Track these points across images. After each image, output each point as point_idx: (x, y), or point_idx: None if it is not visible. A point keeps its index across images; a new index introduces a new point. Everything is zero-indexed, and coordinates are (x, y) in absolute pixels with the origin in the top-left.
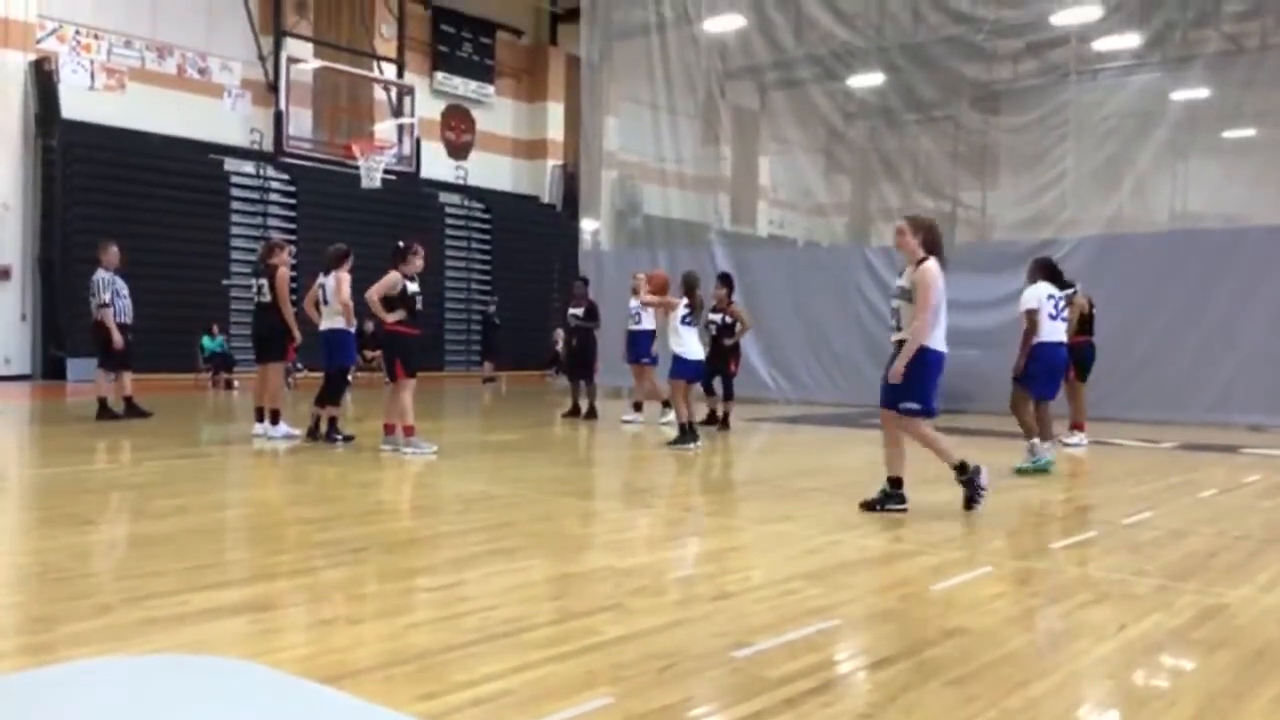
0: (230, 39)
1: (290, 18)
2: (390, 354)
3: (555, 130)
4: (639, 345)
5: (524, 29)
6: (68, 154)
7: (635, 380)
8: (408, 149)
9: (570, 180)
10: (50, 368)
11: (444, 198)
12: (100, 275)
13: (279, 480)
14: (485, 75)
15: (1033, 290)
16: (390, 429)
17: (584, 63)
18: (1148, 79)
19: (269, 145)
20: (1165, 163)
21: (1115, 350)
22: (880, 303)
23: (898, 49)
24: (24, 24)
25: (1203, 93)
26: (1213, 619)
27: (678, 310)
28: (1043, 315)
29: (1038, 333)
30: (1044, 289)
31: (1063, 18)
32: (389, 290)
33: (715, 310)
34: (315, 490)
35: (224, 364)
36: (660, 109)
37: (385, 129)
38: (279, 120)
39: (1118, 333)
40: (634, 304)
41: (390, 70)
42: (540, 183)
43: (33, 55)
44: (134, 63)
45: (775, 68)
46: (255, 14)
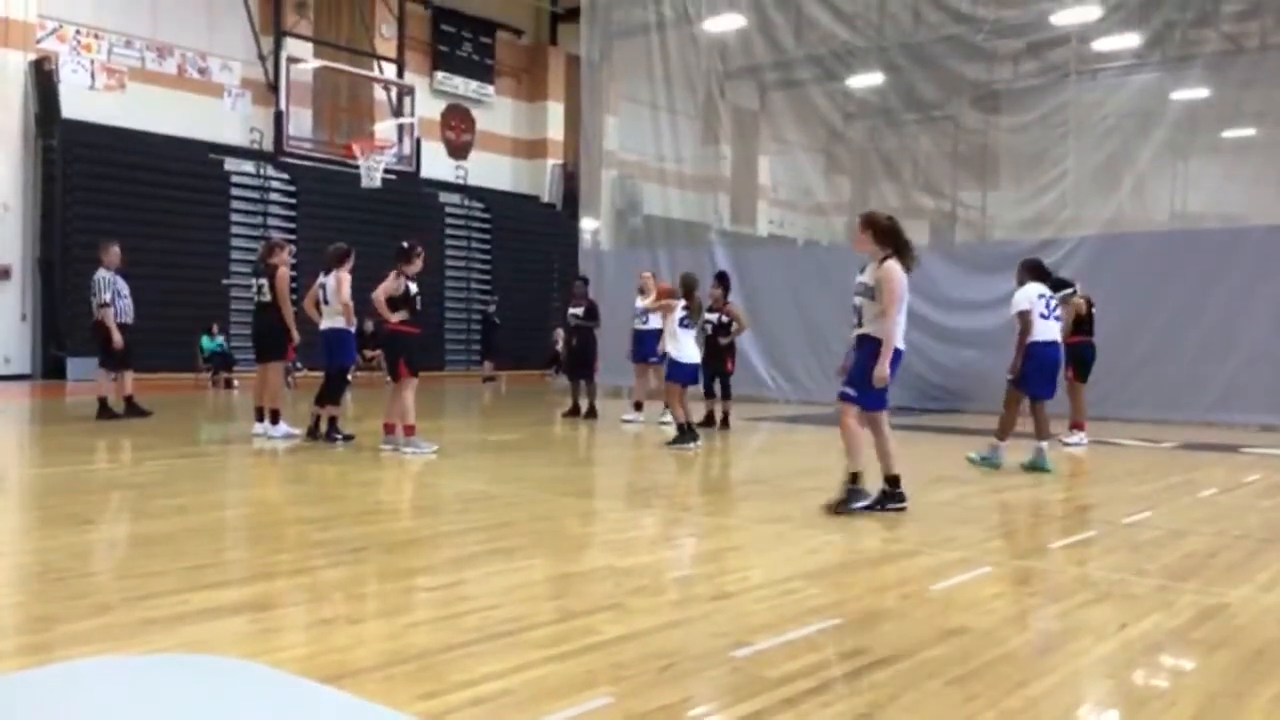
0: (230, 39)
1: (290, 17)
2: (394, 353)
3: (555, 130)
4: (645, 345)
5: (524, 29)
6: (68, 154)
7: (637, 379)
8: (408, 149)
9: (570, 180)
10: (50, 367)
11: (444, 197)
12: (101, 275)
13: (279, 480)
14: (485, 75)
15: (1023, 292)
16: (390, 428)
17: (584, 62)
18: (1147, 79)
19: (269, 145)
20: (1165, 163)
21: (1115, 350)
22: None
23: (897, 49)
24: (24, 24)
25: (1202, 93)
26: (1213, 619)
27: (675, 312)
28: (1035, 315)
29: (1031, 333)
30: (1034, 289)
31: (1063, 18)
32: (394, 292)
33: (711, 310)
34: (315, 490)
35: (224, 363)
36: (660, 109)
37: (385, 129)
38: (279, 120)
39: (1118, 332)
40: (640, 303)
41: (390, 70)
42: (540, 182)
43: (33, 55)
44: (134, 62)
45: (775, 67)
46: (255, 14)
